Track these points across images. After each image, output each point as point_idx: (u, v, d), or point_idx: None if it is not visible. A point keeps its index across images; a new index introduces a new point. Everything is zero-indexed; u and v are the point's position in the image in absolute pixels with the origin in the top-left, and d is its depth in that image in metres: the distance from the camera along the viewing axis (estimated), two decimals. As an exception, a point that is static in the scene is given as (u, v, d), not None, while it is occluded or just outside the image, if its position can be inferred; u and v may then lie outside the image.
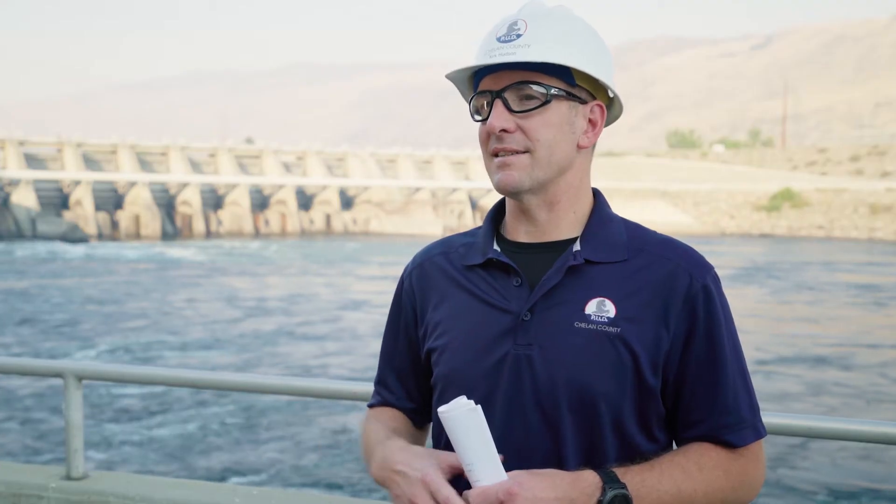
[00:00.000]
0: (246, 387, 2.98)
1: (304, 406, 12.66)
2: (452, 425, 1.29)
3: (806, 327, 21.43)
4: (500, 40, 1.43)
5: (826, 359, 17.18)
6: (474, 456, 1.28)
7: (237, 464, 10.27)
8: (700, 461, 1.41)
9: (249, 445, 11.01)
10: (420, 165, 71.56)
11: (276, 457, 10.52)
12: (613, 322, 1.41)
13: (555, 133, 1.43)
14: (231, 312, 23.75)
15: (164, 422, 12.01)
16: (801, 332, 20.49)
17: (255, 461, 10.37)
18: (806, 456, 10.40)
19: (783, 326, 21.52)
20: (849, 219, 61.59)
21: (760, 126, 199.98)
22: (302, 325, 21.26)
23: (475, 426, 1.29)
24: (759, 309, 24.49)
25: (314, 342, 19.03)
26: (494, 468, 1.28)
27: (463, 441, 1.29)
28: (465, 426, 1.29)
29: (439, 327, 1.52)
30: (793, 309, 24.89)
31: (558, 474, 1.32)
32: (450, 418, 1.29)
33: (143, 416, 12.32)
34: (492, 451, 1.29)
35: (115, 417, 12.21)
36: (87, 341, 18.99)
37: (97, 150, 61.56)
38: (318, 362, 16.76)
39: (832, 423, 2.26)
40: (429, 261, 1.60)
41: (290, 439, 11.22)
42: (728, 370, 1.44)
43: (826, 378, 15.40)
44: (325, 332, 20.39)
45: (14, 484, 3.05)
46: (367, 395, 2.65)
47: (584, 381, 1.40)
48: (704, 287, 1.43)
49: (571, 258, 1.44)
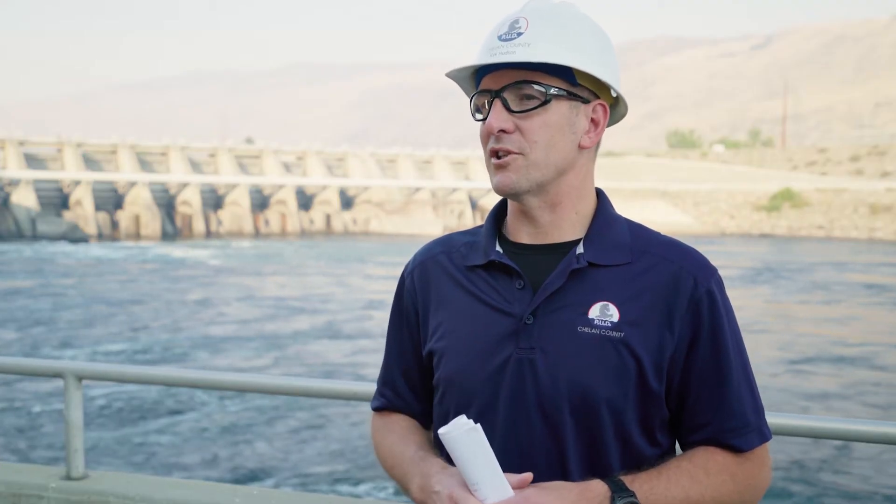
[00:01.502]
0: (246, 387, 2.98)
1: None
2: (454, 446, 1.29)
3: (830, 327, 21.35)
4: (502, 38, 1.41)
5: (852, 358, 17.14)
6: (478, 475, 1.28)
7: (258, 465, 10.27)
8: (707, 466, 1.40)
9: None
10: (420, 165, 71.53)
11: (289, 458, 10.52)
12: (617, 326, 1.39)
13: (553, 134, 1.41)
14: (252, 311, 23.72)
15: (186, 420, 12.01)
16: (826, 332, 20.41)
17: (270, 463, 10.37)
18: (850, 459, 10.29)
19: (804, 326, 21.42)
20: (849, 219, 61.56)
21: (760, 126, 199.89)
22: (332, 324, 21.21)
23: (476, 445, 1.28)
24: (777, 309, 24.42)
25: (345, 341, 18.99)
26: (500, 485, 1.28)
27: (465, 461, 1.28)
28: (466, 446, 1.28)
29: (440, 329, 1.51)
30: (812, 309, 24.77)
31: (565, 486, 1.32)
32: (451, 439, 1.29)
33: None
34: (495, 468, 1.28)
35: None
36: (111, 341, 18.96)
37: (97, 150, 61.54)
38: (347, 360, 16.78)
39: (832, 424, 2.26)
40: (430, 259, 1.58)
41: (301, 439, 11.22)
42: (733, 374, 1.43)
43: (861, 378, 15.31)
44: (354, 330, 20.40)
45: (14, 484, 3.05)
46: (367, 395, 2.64)
47: (587, 385, 1.38)
48: (708, 291, 1.42)
49: (575, 261, 1.43)
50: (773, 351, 17.69)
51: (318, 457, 10.53)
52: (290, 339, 19.32)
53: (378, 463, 1.60)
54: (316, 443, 11.07)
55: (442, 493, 1.33)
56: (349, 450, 10.71)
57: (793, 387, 14.43)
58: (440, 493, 1.34)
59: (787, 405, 13.00)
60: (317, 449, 10.83)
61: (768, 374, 15.31)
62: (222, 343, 18.74)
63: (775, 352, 17.62)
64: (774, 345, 18.48)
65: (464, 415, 1.32)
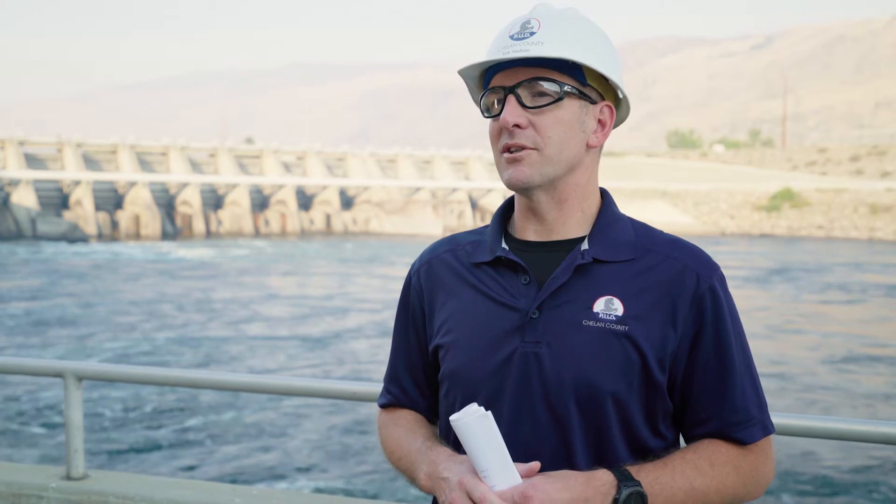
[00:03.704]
0: (246, 387, 2.98)
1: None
2: (465, 432, 1.31)
3: (862, 327, 21.31)
4: (514, 38, 1.44)
5: (892, 359, 17.12)
6: (487, 462, 1.30)
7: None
8: (712, 458, 1.43)
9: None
10: (420, 165, 71.53)
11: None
12: (621, 320, 1.42)
13: (566, 130, 1.44)
14: (285, 310, 23.72)
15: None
16: (860, 333, 20.38)
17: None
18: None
19: (835, 326, 21.36)
20: (849, 219, 61.55)
21: (760, 126, 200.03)
22: (379, 324, 21.25)
23: (487, 432, 1.30)
24: (802, 309, 24.35)
25: (375, 339, 19.03)
26: (509, 472, 1.30)
27: (475, 448, 1.31)
28: (477, 433, 1.30)
29: (447, 324, 1.53)
30: (840, 309, 24.70)
31: (571, 475, 1.34)
32: (462, 426, 1.31)
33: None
34: (505, 455, 1.31)
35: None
36: (152, 338, 19.02)
37: (97, 150, 61.53)
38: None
39: (832, 424, 2.26)
40: (436, 258, 1.60)
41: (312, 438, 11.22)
42: (736, 369, 1.45)
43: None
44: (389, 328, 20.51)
45: (14, 484, 3.05)
46: (367, 394, 2.65)
47: (591, 378, 1.41)
48: (711, 287, 1.45)
49: (580, 257, 1.45)
50: (813, 351, 17.66)
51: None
52: (332, 338, 19.22)
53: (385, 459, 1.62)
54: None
55: (451, 480, 1.36)
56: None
57: (844, 387, 14.36)
58: (449, 480, 1.36)
59: (842, 408, 12.90)
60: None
61: (810, 372, 15.32)
62: (265, 343, 18.71)
63: (815, 352, 17.59)
64: (812, 345, 18.47)
65: (475, 403, 1.34)
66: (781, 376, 15.02)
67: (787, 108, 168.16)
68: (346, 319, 22.18)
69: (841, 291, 28.93)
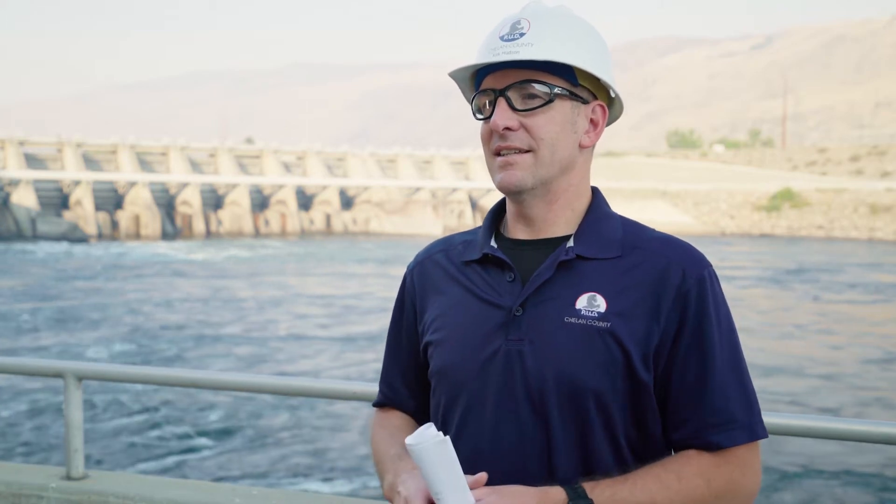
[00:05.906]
0: (246, 387, 2.98)
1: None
2: (420, 457, 1.30)
3: (893, 328, 21.29)
4: (504, 39, 1.42)
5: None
6: (441, 486, 1.30)
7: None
8: (681, 471, 1.38)
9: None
10: (420, 165, 71.49)
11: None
12: (604, 317, 1.40)
13: (558, 132, 1.43)
14: (317, 310, 23.74)
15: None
16: (888, 333, 20.30)
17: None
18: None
19: (866, 327, 21.22)
20: (849, 219, 61.52)
21: (760, 126, 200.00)
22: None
23: (441, 457, 1.30)
24: (829, 309, 24.18)
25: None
26: (463, 496, 1.30)
27: (430, 472, 1.30)
28: (432, 458, 1.30)
29: (436, 322, 1.53)
30: (868, 310, 24.53)
31: (526, 491, 1.33)
32: (417, 451, 1.30)
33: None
34: (460, 479, 1.30)
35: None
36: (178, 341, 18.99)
37: (97, 150, 61.50)
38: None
39: (832, 423, 2.25)
40: (429, 259, 1.61)
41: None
42: (716, 368, 1.41)
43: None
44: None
45: (14, 484, 3.05)
46: (366, 395, 2.65)
47: (573, 375, 1.39)
48: (698, 282, 1.42)
49: (563, 253, 1.44)
50: (848, 352, 17.57)
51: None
52: (364, 340, 19.19)
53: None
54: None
55: (401, 496, 1.37)
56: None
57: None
58: (400, 495, 1.38)
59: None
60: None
61: (852, 374, 15.24)
62: (309, 343, 18.70)
63: (851, 352, 17.50)
64: (845, 345, 18.37)
65: (433, 425, 1.33)
66: (829, 377, 14.98)
67: (787, 108, 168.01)
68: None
69: (861, 291, 28.74)
